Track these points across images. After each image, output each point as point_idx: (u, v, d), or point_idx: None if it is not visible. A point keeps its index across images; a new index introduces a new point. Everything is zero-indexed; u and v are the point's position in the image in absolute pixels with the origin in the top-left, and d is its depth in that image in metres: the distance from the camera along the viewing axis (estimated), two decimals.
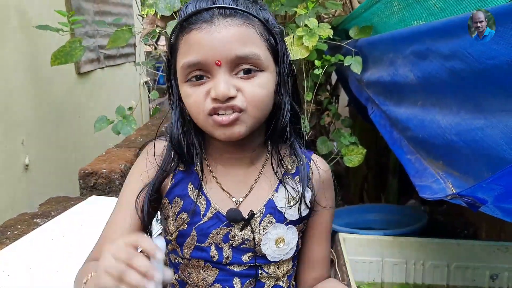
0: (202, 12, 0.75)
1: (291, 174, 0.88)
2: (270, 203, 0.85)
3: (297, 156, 0.88)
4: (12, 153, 2.21)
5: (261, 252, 0.85)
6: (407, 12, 1.40)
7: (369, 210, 2.59)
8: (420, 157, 1.31)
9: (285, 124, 0.83)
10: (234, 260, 0.84)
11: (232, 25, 0.74)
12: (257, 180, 0.87)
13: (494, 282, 1.81)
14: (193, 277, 0.86)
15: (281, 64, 0.82)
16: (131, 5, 3.98)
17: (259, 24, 0.78)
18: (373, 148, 2.64)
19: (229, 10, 0.75)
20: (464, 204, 0.88)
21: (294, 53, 1.64)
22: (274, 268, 0.87)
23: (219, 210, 0.84)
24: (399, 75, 1.33)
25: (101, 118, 1.91)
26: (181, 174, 0.87)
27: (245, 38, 0.75)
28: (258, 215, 0.84)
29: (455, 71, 0.97)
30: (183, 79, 0.78)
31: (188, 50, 0.76)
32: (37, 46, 2.41)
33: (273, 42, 0.80)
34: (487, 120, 0.87)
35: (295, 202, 0.85)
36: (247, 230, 0.84)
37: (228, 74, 0.75)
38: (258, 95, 0.76)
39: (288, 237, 0.86)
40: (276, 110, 0.83)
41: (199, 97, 0.76)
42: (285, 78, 0.83)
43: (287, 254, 0.87)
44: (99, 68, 3.31)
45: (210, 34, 0.73)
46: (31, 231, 1.39)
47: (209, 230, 0.83)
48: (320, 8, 1.84)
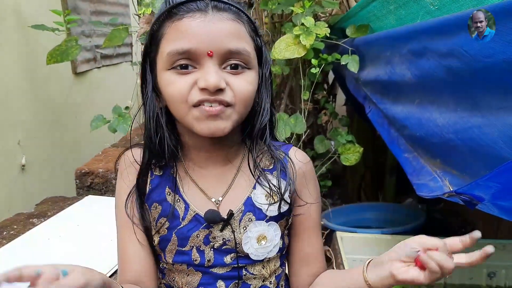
0: (195, 1, 0.73)
1: (269, 169, 0.86)
2: (249, 200, 0.84)
3: (273, 152, 0.86)
4: (9, 153, 2.20)
5: (243, 251, 0.83)
6: (404, 11, 1.40)
7: (366, 208, 2.60)
8: (418, 155, 1.31)
9: (264, 124, 0.83)
10: (216, 262, 0.83)
11: (226, 19, 0.74)
12: (235, 177, 0.85)
13: (492, 280, 1.82)
14: (178, 282, 0.85)
15: (264, 66, 0.82)
16: (128, 5, 3.97)
17: (247, 22, 0.78)
18: (370, 147, 2.64)
19: (223, 4, 0.75)
20: (461, 202, 0.88)
21: (291, 52, 1.65)
22: (259, 268, 0.85)
23: (198, 212, 0.82)
24: (396, 74, 1.33)
25: (97, 117, 1.90)
26: (158, 179, 0.85)
27: (238, 33, 0.75)
28: (237, 214, 0.83)
29: (452, 69, 0.97)
30: (167, 67, 0.74)
31: (177, 37, 0.73)
32: (34, 46, 2.41)
33: (259, 43, 0.80)
34: (484, 118, 0.87)
35: (274, 199, 0.84)
36: (227, 230, 0.82)
37: (217, 66, 0.73)
38: (246, 91, 0.76)
39: (270, 234, 0.84)
40: (254, 110, 0.82)
41: (183, 87, 0.73)
42: (266, 81, 0.83)
43: (271, 251, 0.85)
44: (95, 67, 3.30)
45: (205, 24, 0.72)
46: (27, 231, 1.38)
47: (189, 233, 0.82)
48: (317, 7, 1.84)
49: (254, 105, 0.81)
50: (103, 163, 1.87)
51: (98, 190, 1.77)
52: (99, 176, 1.77)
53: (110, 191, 1.77)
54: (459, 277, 1.83)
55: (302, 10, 1.70)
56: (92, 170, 1.78)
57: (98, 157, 1.98)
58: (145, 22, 1.96)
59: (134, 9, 2.22)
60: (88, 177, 1.77)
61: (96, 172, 1.77)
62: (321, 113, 2.42)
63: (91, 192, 1.77)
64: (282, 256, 0.90)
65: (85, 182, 1.77)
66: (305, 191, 0.88)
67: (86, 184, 1.77)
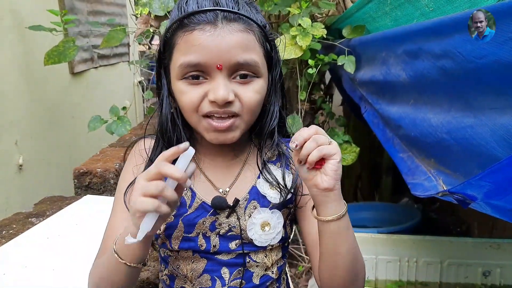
0: (206, 12, 0.75)
1: (272, 161, 0.90)
2: (254, 189, 0.87)
3: (278, 145, 0.90)
4: (6, 153, 2.20)
5: (248, 238, 0.86)
6: (399, 12, 1.42)
7: (363, 208, 2.62)
8: (412, 155, 1.33)
9: (273, 127, 0.86)
10: (222, 248, 0.86)
11: (236, 31, 0.75)
12: (242, 170, 0.89)
13: (487, 278, 1.83)
14: (182, 269, 0.87)
15: (273, 70, 0.84)
16: (125, 5, 3.98)
17: (258, 29, 0.79)
18: (366, 147, 2.66)
19: (233, 14, 0.76)
20: (455, 201, 0.89)
21: (288, 53, 1.66)
22: (262, 256, 0.88)
23: (205, 200, 0.85)
24: (392, 74, 1.34)
25: (95, 118, 1.91)
26: None
27: (246, 45, 0.76)
28: (242, 202, 0.86)
29: (446, 70, 0.98)
30: (179, 76, 0.78)
31: (188, 49, 0.76)
32: (31, 46, 2.41)
33: (268, 48, 0.82)
34: (477, 118, 0.89)
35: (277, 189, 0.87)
36: (233, 217, 0.86)
37: (227, 79, 0.76)
38: (254, 101, 0.79)
39: (273, 221, 0.87)
40: (263, 113, 0.85)
41: (195, 97, 0.77)
42: (276, 84, 0.86)
43: (274, 239, 0.88)
44: (93, 67, 3.30)
45: (214, 38, 0.74)
46: (26, 230, 1.39)
47: (195, 220, 0.85)
48: (314, 7, 1.85)
49: (263, 107, 0.84)
50: (101, 163, 1.87)
51: (96, 189, 1.78)
52: (97, 176, 1.77)
53: (108, 190, 1.78)
54: (454, 276, 1.85)
55: (298, 11, 1.71)
56: (90, 170, 1.78)
57: (96, 157, 1.98)
58: (142, 22, 1.97)
59: (131, 9, 2.22)
60: (86, 177, 1.78)
61: (94, 172, 1.78)
62: (318, 113, 2.43)
63: (89, 191, 1.78)
64: (284, 248, 0.93)
65: (83, 182, 1.78)
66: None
67: (85, 184, 1.78)
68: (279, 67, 0.86)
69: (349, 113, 2.73)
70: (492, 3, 0.89)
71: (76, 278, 1.13)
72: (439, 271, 1.85)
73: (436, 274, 1.85)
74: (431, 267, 1.86)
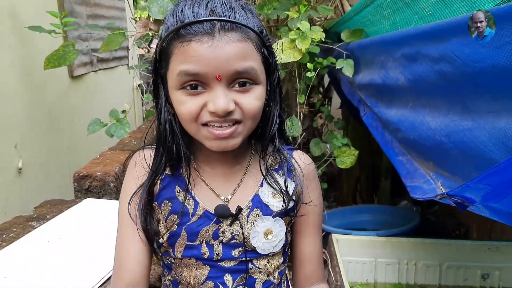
0: (202, 22, 0.74)
1: (275, 169, 0.91)
2: (256, 197, 0.88)
3: (280, 153, 0.91)
4: (5, 156, 2.20)
5: (250, 246, 0.86)
6: (398, 16, 1.43)
7: (362, 211, 2.62)
8: (411, 158, 1.33)
9: (274, 133, 0.87)
10: (225, 255, 0.86)
11: (234, 41, 0.74)
12: (243, 177, 0.89)
13: (485, 281, 1.84)
14: (186, 276, 0.88)
15: (272, 75, 0.84)
16: (124, 9, 3.98)
17: (255, 36, 0.78)
18: (365, 150, 2.66)
19: (230, 23, 0.75)
20: (453, 203, 0.90)
21: (287, 56, 1.66)
22: (265, 262, 0.89)
23: (207, 209, 0.86)
24: (390, 78, 1.35)
25: (94, 121, 1.91)
26: (168, 178, 0.89)
27: (245, 54, 0.76)
28: (245, 210, 0.86)
29: (444, 74, 0.99)
30: (177, 86, 0.77)
31: (186, 60, 0.75)
32: (30, 49, 2.41)
33: (266, 53, 0.82)
34: (475, 122, 0.90)
35: (280, 194, 0.88)
36: (236, 225, 0.86)
37: (226, 88, 0.76)
38: (255, 108, 0.79)
39: (276, 229, 0.88)
40: (263, 118, 0.85)
41: (193, 108, 0.76)
42: (275, 89, 0.86)
43: (276, 246, 0.88)
44: (92, 71, 3.31)
45: (213, 49, 0.73)
46: (26, 234, 1.40)
47: (198, 228, 0.85)
48: (312, 11, 1.86)
49: (263, 113, 0.84)
50: (101, 166, 1.87)
51: (96, 193, 1.78)
52: (97, 179, 1.77)
53: (108, 194, 1.78)
54: (453, 278, 1.85)
55: (297, 15, 1.72)
56: (90, 173, 1.79)
57: (96, 160, 1.98)
58: (142, 26, 1.98)
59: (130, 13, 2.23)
60: (86, 180, 1.78)
61: (94, 175, 1.78)
62: (316, 116, 2.44)
63: (89, 195, 1.78)
64: (285, 253, 0.94)
65: (83, 185, 1.78)
66: (308, 191, 0.92)
67: (84, 187, 1.78)
68: (277, 72, 0.86)
69: (348, 116, 2.73)
70: (490, 7, 0.89)
71: (76, 281, 1.13)
72: (438, 273, 1.85)
73: (435, 277, 1.86)
74: (430, 270, 1.86)
